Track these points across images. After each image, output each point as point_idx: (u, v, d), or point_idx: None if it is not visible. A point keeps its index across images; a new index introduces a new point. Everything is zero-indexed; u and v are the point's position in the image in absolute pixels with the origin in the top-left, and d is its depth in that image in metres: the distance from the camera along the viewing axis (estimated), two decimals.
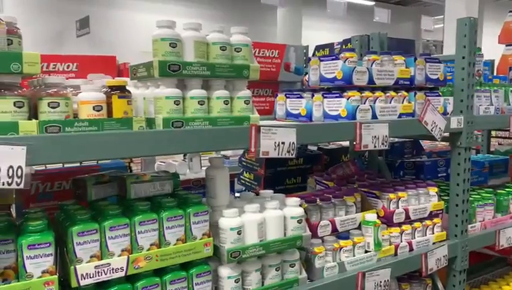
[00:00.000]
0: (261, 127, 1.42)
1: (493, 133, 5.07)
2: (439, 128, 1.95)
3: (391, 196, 1.97)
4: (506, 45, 4.14)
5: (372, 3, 15.88)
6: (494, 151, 4.38)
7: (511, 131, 2.28)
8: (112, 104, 1.27)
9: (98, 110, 1.24)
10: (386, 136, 1.76)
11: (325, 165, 2.78)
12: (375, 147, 1.73)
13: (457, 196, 2.12)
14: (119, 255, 1.28)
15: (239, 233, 1.47)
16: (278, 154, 1.48)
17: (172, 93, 1.31)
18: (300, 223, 1.61)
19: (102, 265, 1.24)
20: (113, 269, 1.26)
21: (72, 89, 1.31)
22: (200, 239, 1.42)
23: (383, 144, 1.75)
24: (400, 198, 1.99)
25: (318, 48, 3.01)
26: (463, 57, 2.05)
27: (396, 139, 3.40)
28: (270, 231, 1.56)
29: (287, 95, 2.03)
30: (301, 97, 1.95)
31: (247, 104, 1.47)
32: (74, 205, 1.39)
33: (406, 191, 2.03)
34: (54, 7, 10.98)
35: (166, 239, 1.35)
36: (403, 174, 2.98)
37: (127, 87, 1.33)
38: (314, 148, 3.28)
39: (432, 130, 1.93)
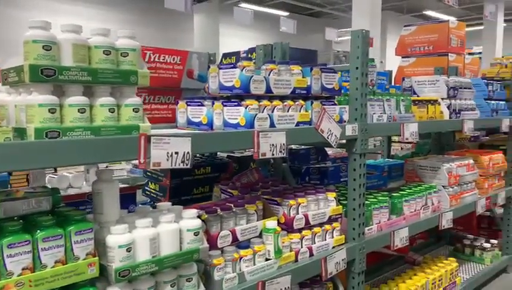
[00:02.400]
0: (152, 137, 1.35)
1: (396, 138, 5.45)
2: (335, 135, 2.02)
3: (291, 202, 1.99)
4: (402, 57, 4.48)
5: (286, 13, 16.45)
6: (394, 155, 4.71)
7: (402, 137, 2.44)
8: None
9: None
10: (284, 144, 1.77)
11: (234, 173, 2.76)
12: (273, 155, 1.74)
13: (354, 200, 2.21)
14: None
15: (128, 250, 1.38)
16: (172, 164, 1.41)
17: (46, 101, 1.19)
18: (197, 235, 1.56)
19: None
20: None
21: None
22: (84, 259, 1.31)
23: (280, 151, 1.77)
24: (299, 204, 2.02)
25: (225, 55, 2.99)
26: (356, 68, 2.15)
27: (303, 146, 3.50)
28: (164, 245, 1.48)
29: (188, 103, 1.97)
30: (202, 105, 1.91)
31: (136, 112, 1.39)
32: None
33: (306, 197, 2.07)
34: None
35: (42, 262, 1.22)
36: (309, 180, 3.06)
37: None
38: (225, 155, 3.26)
39: (328, 138, 1.99)
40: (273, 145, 1.73)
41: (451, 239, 4.12)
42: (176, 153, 1.41)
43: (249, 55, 2.80)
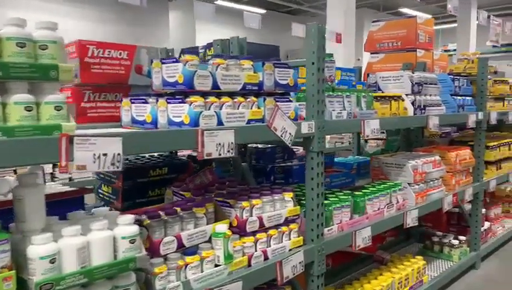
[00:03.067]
0: (75, 137, 1.23)
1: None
2: (290, 133, 1.94)
3: (244, 204, 1.90)
4: (371, 53, 4.43)
5: (263, 11, 16.35)
6: (363, 152, 4.66)
7: (363, 134, 2.37)
8: None
9: None
10: (232, 143, 1.67)
11: (194, 173, 2.66)
12: (220, 155, 1.64)
13: (313, 200, 2.13)
14: None
15: (52, 262, 1.26)
16: (99, 167, 1.30)
17: None
18: (133, 243, 1.45)
19: None
20: None
21: None
22: None
23: (229, 151, 1.67)
24: (254, 206, 1.93)
25: (184, 51, 2.88)
26: (312, 63, 2.06)
27: (269, 145, 3.41)
28: (95, 255, 1.37)
29: (132, 100, 1.86)
30: (146, 102, 1.80)
31: (58, 110, 1.27)
32: None
33: (261, 198, 1.98)
34: None
35: None
36: (274, 179, 2.97)
37: None
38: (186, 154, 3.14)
39: (281, 136, 1.90)
40: (219, 144, 1.63)
41: (421, 236, 4.09)
42: (105, 154, 1.30)
43: (207, 51, 2.69)
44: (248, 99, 1.85)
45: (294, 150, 3.20)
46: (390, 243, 3.95)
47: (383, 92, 3.07)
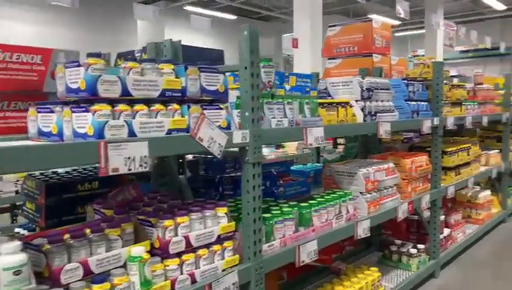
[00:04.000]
0: None
1: (340, 140, 5.29)
2: (219, 144, 1.78)
3: (167, 223, 1.72)
4: (328, 58, 4.34)
5: (234, 17, 16.26)
6: (322, 159, 4.55)
7: (305, 143, 2.23)
8: None
9: None
10: (146, 156, 1.50)
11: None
12: (130, 169, 1.47)
13: (249, 215, 1.98)
14: None
15: None
16: None
17: None
18: (18, 274, 1.26)
19: None
20: None
21: None
22: None
23: (141, 165, 1.50)
24: (179, 224, 1.76)
25: (120, 55, 2.69)
26: (245, 68, 1.92)
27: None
28: None
29: (39, 110, 1.66)
30: (52, 112, 1.61)
31: None
32: None
33: (189, 215, 1.81)
34: None
35: None
36: (222, 191, 2.82)
37: None
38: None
39: (209, 147, 1.74)
40: (129, 158, 1.45)
41: (380, 245, 3.99)
42: None
43: (143, 54, 2.52)
44: (169, 107, 1.68)
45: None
46: (349, 252, 3.83)
47: (333, 98, 2.95)
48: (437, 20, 4.02)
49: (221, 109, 1.84)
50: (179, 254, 1.74)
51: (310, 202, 2.48)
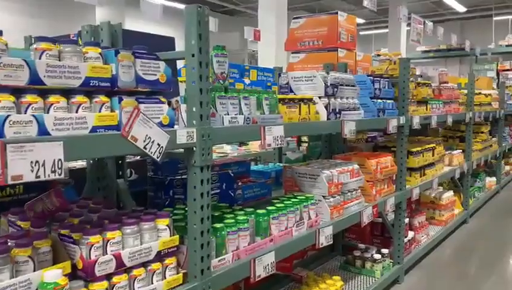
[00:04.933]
0: None
1: (304, 138, 5.07)
2: (158, 144, 1.50)
3: (93, 239, 1.43)
4: (292, 53, 4.12)
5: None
6: (285, 159, 4.33)
7: (262, 144, 1.99)
8: None
9: None
10: (60, 160, 1.21)
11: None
12: (38, 177, 1.17)
13: (195, 226, 1.71)
14: None
15: None
16: None
17: None
18: None
19: None
20: None
21: None
22: None
23: (54, 171, 1.20)
24: (108, 240, 1.47)
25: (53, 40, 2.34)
26: (192, 55, 1.64)
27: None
28: None
29: None
30: None
31: None
32: None
33: (121, 228, 1.53)
34: None
35: None
36: (173, 194, 2.53)
37: None
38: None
39: (145, 148, 1.46)
40: (37, 163, 1.15)
41: (344, 249, 3.82)
42: None
43: (79, 39, 2.19)
44: (96, 100, 1.39)
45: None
46: (311, 257, 3.63)
47: (295, 94, 2.72)
48: (404, 13, 3.89)
49: (162, 102, 1.56)
50: (108, 276, 1.46)
51: (268, 208, 2.24)
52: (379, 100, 3.22)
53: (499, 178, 6.80)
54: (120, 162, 2.09)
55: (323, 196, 2.64)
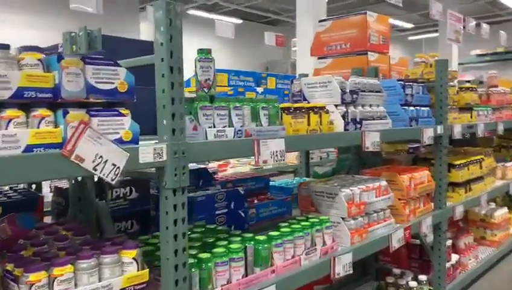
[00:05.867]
0: None
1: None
2: (113, 164, 1.27)
3: (34, 277, 1.22)
4: (318, 58, 3.81)
5: (240, 21, 15.83)
6: (313, 173, 4.01)
7: (256, 160, 1.71)
8: None
9: None
10: None
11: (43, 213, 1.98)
12: None
13: (168, 260, 1.46)
14: None
15: None
16: None
17: None
18: None
19: None
20: None
21: None
22: None
23: None
24: (55, 278, 1.25)
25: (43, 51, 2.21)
26: (162, 59, 1.41)
27: None
28: None
29: None
30: None
31: None
32: None
33: (75, 263, 1.31)
34: None
35: None
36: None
37: None
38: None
39: (95, 170, 1.23)
40: None
41: (377, 273, 3.43)
42: None
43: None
44: (34, 113, 1.18)
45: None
46: (339, 283, 3.27)
47: (309, 103, 2.43)
48: (438, 9, 3.45)
49: (122, 115, 1.34)
50: None
51: (271, 234, 1.95)
52: (411, 108, 2.84)
53: None
54: (102, 182, 1.89)
55: (342, 218, 2.32)
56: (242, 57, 16.21)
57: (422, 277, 3.05)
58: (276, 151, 1.78)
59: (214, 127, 1.66)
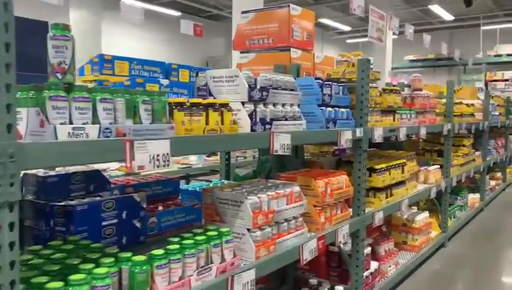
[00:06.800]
0: None
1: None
2: None
3: None
4: (241, 52, 3.56)
5: (179, 13, 15.28)
6: (234, 176, 3.76)
7: (128, 166, 1.40)
8: None
9: None
10: None
11: None
12: None
13: None
14: None
15: None
16: None
17: None
18: None
19: None
20: None
21: None
22: None
23: None
24: None
25: None
26: None
27: (64, 169, 2.39)
28: None
29: None
30: None
31: None
32: None
33: None
34: None
35: None
36: (54, 225, 1.96)
37: None
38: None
39: None
40: None
41: (295, 282, 3.24)
42: None
43: None
44: None
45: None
46: None
47: (214, 99, 2.14)
48: (359, 3, 3.30)
49: None
50: None
51: (154, 253, 1.64)
52: (330, 108, 2.65)
53: (483, 195, 6.27)
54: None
55: (247, 229, 2.06)
56: (180, 52, 15.68)
57: (339, 288, 2.89)
58: (158, 155, 1.48)
59: (71, 123, 1.32)
